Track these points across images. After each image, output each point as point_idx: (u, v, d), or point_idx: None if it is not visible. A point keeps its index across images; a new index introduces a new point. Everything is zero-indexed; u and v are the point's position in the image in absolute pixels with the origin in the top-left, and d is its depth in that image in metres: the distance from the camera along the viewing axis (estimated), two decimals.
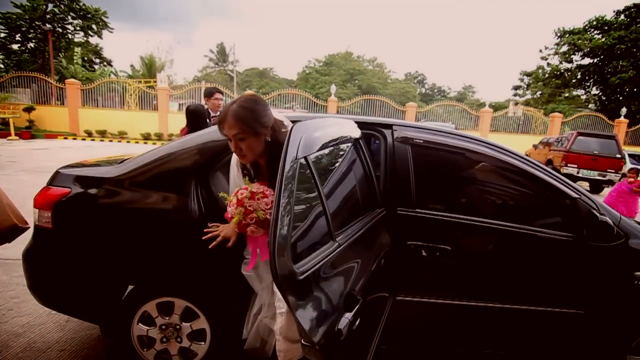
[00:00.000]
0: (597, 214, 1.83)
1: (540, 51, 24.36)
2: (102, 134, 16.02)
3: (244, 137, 1.36)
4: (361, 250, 1.47)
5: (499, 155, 1.99)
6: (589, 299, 1.94)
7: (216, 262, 1.71)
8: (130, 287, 1.89)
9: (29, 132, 14.52)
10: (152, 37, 78.40)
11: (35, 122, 16.05)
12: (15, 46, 26.91)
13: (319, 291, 1.09)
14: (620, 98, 20.74)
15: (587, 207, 1.89)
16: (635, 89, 19.73)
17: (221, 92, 4.31)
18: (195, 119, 3.62)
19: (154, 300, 1.81)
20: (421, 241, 1.83)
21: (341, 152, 1.55)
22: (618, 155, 10.84)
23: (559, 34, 23.04)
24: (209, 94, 4.13)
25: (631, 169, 6.33)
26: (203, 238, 1.64)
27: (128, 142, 15.33)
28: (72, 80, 17.61)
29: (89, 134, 16.15)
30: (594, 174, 10.61)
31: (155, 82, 18.93)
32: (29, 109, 15.84)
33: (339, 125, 1.56)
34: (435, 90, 53.44)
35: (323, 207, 1.18)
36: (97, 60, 30.78)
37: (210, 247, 1.61)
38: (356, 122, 1.82)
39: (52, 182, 1.90)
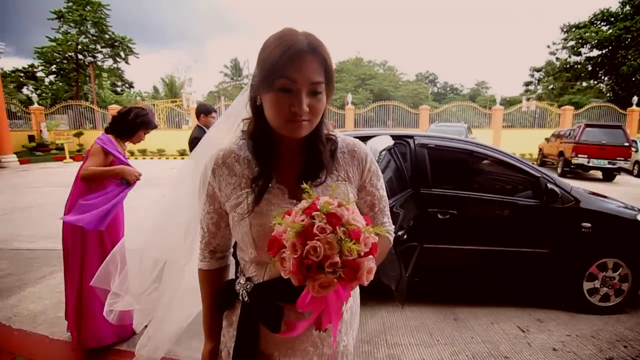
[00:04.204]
0: (551, 185, 2.87)
1: (549, 47, 25.06)
2: (143, 152, 17.64)
3: (322, 90, 0.80)
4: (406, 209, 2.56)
5: (486, 151, 3.10)
6: (552, 241, 2.97)
7: None
8: None
9: (80, 154, 16.20)
10: (167, 57, 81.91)
11: (84, 145, 17.78)
12: (51, 77, 29.44)
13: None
14: (632, 86, 21.11)
15: (545, 182, 2.93)
16: None
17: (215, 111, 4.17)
18: None
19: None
20: (437, 209, 2.90)
21: (387, 156, 2.64)
22: (626, 144, 11.39)
23: (565, 30, 23.67)
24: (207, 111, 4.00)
25: None
26: None
27: (167, 158, 16.88)
28: (114, 106, 19.50)
29: (132, 153, 17.75)
30: (604, 163, 11.21)
31: (180, 101, 20.67)
32: (78, 134, 17.67)
33: (385, 139, 2.65)
34: (448, 89, 53.86)
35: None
36: (119, 84, 33.11)
37: None
38: (391, 136, 2.90)
39: None
